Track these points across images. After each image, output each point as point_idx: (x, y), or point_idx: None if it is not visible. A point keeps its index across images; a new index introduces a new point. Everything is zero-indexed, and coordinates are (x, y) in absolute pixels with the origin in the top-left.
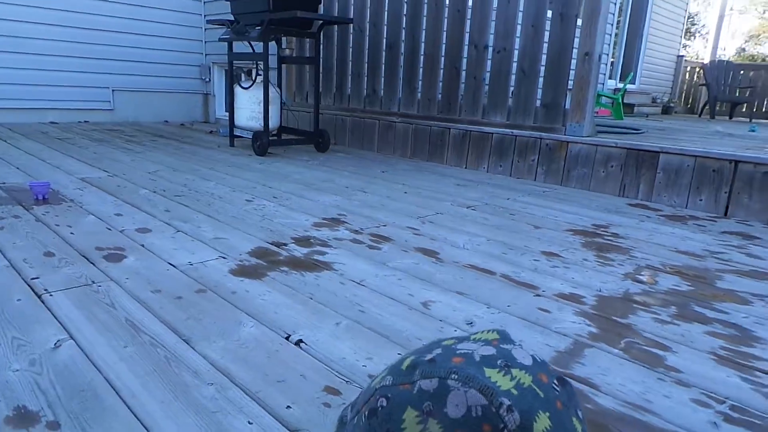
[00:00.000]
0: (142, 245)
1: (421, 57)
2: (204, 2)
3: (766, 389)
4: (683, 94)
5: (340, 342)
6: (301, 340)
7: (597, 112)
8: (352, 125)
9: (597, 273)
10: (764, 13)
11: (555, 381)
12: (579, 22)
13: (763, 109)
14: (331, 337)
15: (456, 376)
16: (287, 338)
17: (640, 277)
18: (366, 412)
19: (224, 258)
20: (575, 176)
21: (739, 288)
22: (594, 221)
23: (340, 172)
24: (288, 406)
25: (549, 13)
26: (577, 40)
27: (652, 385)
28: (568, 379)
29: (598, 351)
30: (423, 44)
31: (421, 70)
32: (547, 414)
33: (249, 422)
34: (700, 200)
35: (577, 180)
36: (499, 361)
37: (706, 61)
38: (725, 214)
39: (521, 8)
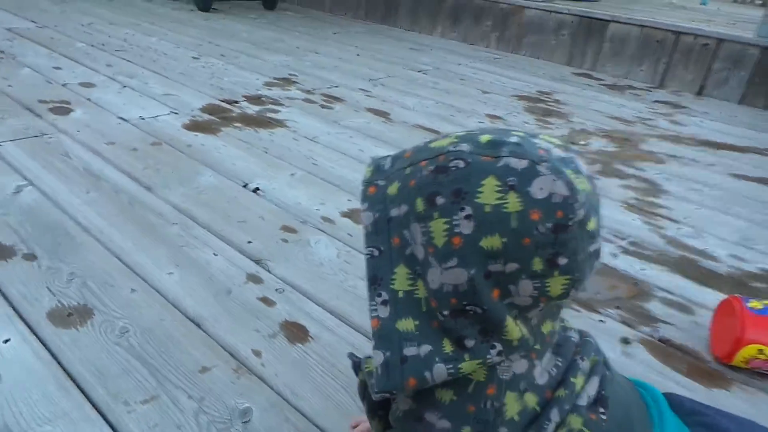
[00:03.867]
0: (89, 99)
1: None
2: None
3: (661, 230)
4: None
5: (294, 190)
6: (258, 188)
7: None
8: None
9: None
10: None
11: (597, 194)
12: None
13: None
14: (287, 186)
15: (547, 165)
16: (245, 186)
17: (574, 138)
18: (432, 167)
19: (176, 113)
20: (527, 44)
21: (658, 150)
22: (540, 88)
23: (291, 32)
24: (249, 242)
25: None
26: None
27: None
28: None
29: None
30: None
31: None
32: (596, 218)
33: (214, 254)
34: (641, 70)
35: (528, 47)
36: (572, 165)
37: None
38: (661, 84)
39: None
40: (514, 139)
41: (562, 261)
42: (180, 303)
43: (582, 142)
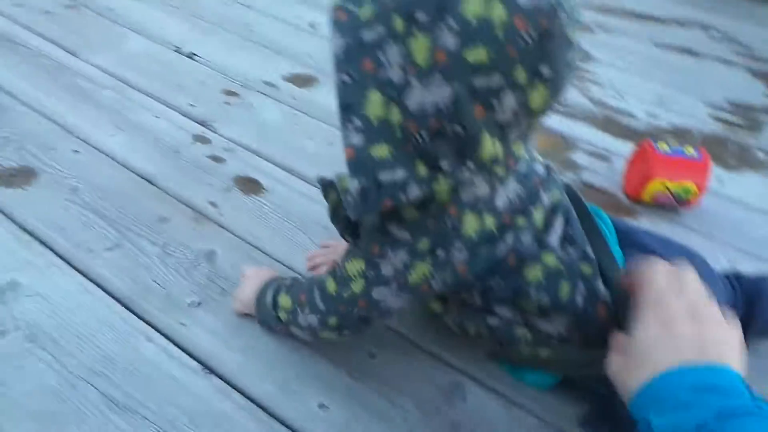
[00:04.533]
0: None
1: None
2: None
3: (588, 93)
4: None
5: (232, 56)
6: (193, 53)
7: None
8: None
9: None
10: None
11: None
12: None
13: None
14: (223, 52)
15: None
16: (177, 51)
17: None
18: None
19: None
20: None
21: (588, 19)
22: None
23: None
24: (191, 105)
25: None
26: None
27: None
28: None
29: None
30: None
31: None
32: (578, 23)
33: (156, 117)
34: None
35: None
36: None
37: None
38: None
39: None
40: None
41: (545, 70)
42: (128, 162)
43: None
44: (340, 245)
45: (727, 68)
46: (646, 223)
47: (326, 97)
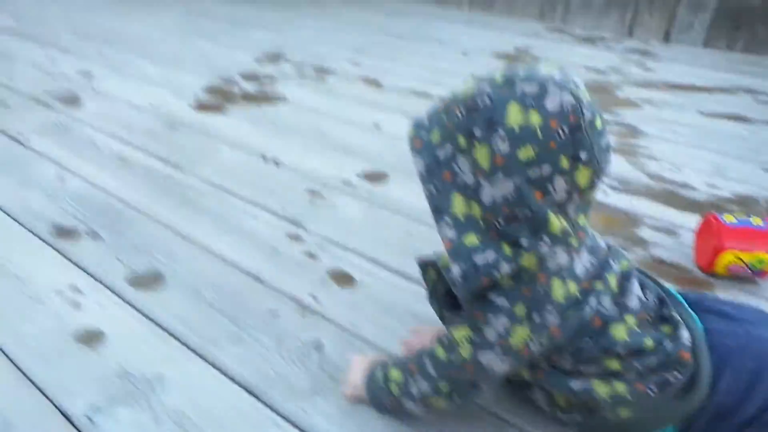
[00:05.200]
0: (93, 89)
1: None
2: None
3: (644, 167)
4: None
5: (310, 159)
6: (277, 160)
7: None
8: None
9: None
10: None
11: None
12: None
13: None
14: (302, 156)
15: (553, 84)
16: (264, 159)
17: None
18: (463, 109)
19: (179, 96)
20: (499, 3)
21: (633, 96)
22: (516, 45)
23: (268, 7)
24: (282, 206)
25: None
26: None
27: None
28: None
29: None
30: None
31: None
32: (600, 118)
33: (253, 218)
34: (610, 21)
35: (500, 6)
36: (571, 82)
37: None
38: (630, 33)
39: None
40: (522, 72)
41: (583, 155)
42: (236, 262)
43: None
44: (429, 329)
45: None
46: (723, 295)
47: (398, 190)
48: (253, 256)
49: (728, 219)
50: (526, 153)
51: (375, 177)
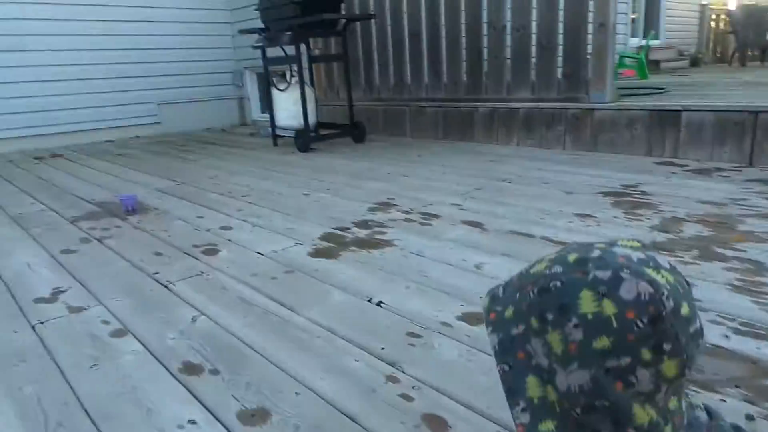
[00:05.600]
0: (229, 240)
1: (443, 42)
2: (231, 10)
3: None
4: (711, 44)
5: (411, 301)
6: (381, 302)
7: (621, 74)
8: (383, 114)
9: (626, 228)
10: None
11: (685, 281)
12: None
13: None
14: (404, 298)
15: (628, 270)
16: (369, 301)
17: (666, 227)
18: (535, 290)
19: (300, 244)
20: (602, 141)
21: (758, 229)
22: (623, 182)
23: (381, 160)
24: (382, 348)
25: None
26: (591, 14)
27: None
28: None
29: None
30: (444, 29)
31: (444, 54)
32: (687, 303)
33: (356, 360)
34: (725, 152)
35: (604, 144)
36: (651, 263)
37: (732, 6)
38: (750, 163)
39: None
40: (596, 254)
41: (667, 347)
42: (336, 402)
43: (676, 230)
44: None
45: None
46: None
47: None
48: (351, 396)
49: None
50: (601, 343)
51: (473, 319)
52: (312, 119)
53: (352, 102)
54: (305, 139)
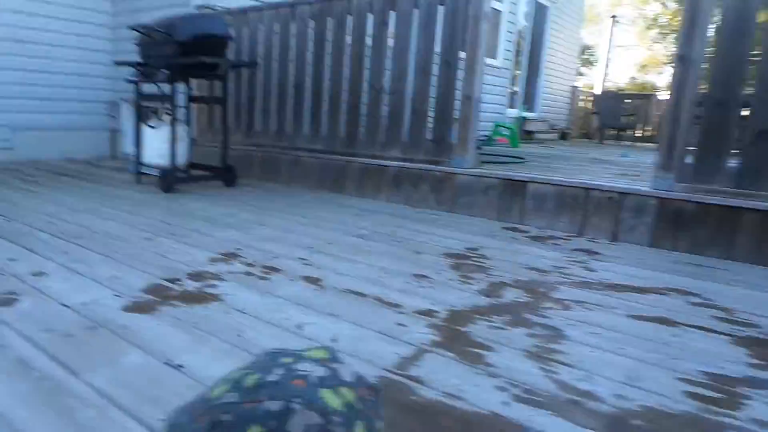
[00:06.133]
0: (36, 288)
1: (325, 95)
2: (113, 40)
3: (555, 375)
4: (579, 121)
5: (216, 363)
6: (181, 365)
7: (497, 140)
8: (261, 160)
9: (456, 290)
10: (651, 46)
11: (371, 392)
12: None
13: (643, 133)
14: (210, 360)
15: (299, 400)
16: (168, 363)
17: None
18: (208, 424)
19: (118, 296)
20: (461, 203)
21: (567, 297)
22: (468, 245)
23: (244, 206)
24: (161, 419)
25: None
26: (459, 87)
27: (469, 378)
28: (380, 387)
29: (435, 355)
30: (327, 84)
31: (325, 107)
32: (364, 423)
33: None
34: (562, 222)
35: (463, 206)
36: (330, 381)
37: (597, 91)
38: (580, 233)
39: (413, 53)
40: (274, 378)
41: None
42: None
43: (497, 295)
44: None
45: (706, 336)
46: None
47: None
48: None
49: None
50: None
51: None
52: (182, 159)
53: (226, 145)
54: (169, 179)
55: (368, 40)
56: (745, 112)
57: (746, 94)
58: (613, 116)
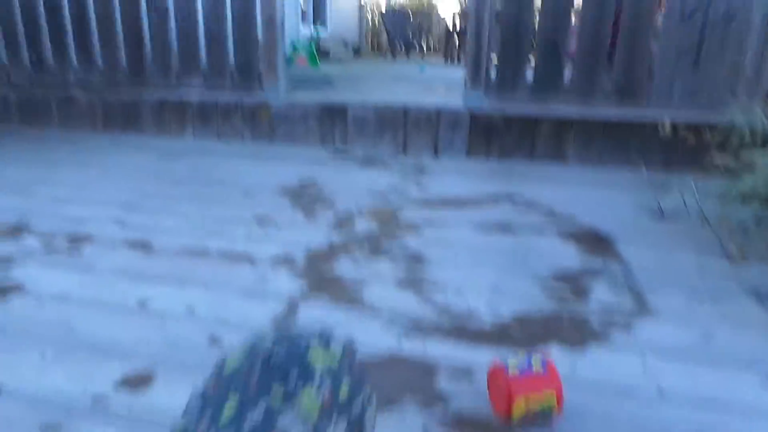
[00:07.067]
0: None
1: (93, 21)
2: None
3: (432, 300)
4: (369, 37)
5: (49, 374)
6: None
7: (297, 62)
8: (18, 103)
9: (306, 230)
10: None
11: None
12: None
13: (429, 48)
14: (37, 371)
15: None
16: None
17: (342, 225)
18: (258, 365)
19: None
20: (281, 133)
21: (414, 218)
22: (301, 177)
23: (13, 162)
24: None
25: None
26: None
27: (354, 321)
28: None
29: (310, 304)
30: (93, 6)
31: (96, 35)
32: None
33: None
34: (386, 143)
35: (283, 137)
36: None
37: (383, 9)
38: (404, 151)
39: None
40: (256, 414)
41: None
42: None
43: (348, 228)
44: None
45: (541, 237)
46: None
47: (166, 396)
48: None
49: (512, 367)
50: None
51: (136, 382)
52: None
53: None
54: None
55: None
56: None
57: (536, 9)
58: (401, 32)
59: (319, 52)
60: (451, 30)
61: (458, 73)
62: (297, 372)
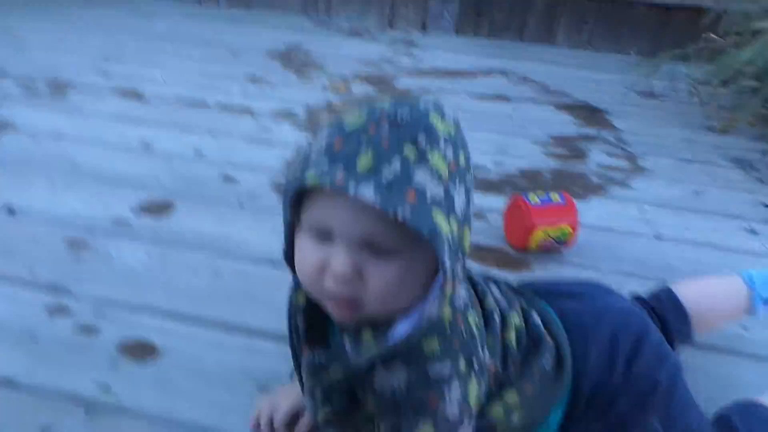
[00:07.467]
0: None
1: None
2: None
3: None
4: None
5: (62, 198)
6: (12, 209)
7: None
8: None
9: (301, 88)
10: None
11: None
12: None
13: None
14: (50, 197)
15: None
16: None
17: (336, 87)
18: (386, 124)
19: None
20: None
21: (410, 85)
22: (287, 42)
23: None
24: (32, 271)
25: None
26: None
27: None
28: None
29: None
30: None
31: None
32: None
33: None
34: (372, 14)
35: (261, 3)
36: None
37: None
38: (391, 25)
39: None
40: (393, 166)
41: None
42: None
43: (345, 90)
44: (283, 393)
45: (537, 106)
46: (538, 268)
47: (190, 220)
48: (3, 353)
49: (533, 199)
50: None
51: (157, 209)
52: None
53: None
54: None
55: None
56: None
57: None
58: None
59: None
60: None
61: None
62: (425, 135)
